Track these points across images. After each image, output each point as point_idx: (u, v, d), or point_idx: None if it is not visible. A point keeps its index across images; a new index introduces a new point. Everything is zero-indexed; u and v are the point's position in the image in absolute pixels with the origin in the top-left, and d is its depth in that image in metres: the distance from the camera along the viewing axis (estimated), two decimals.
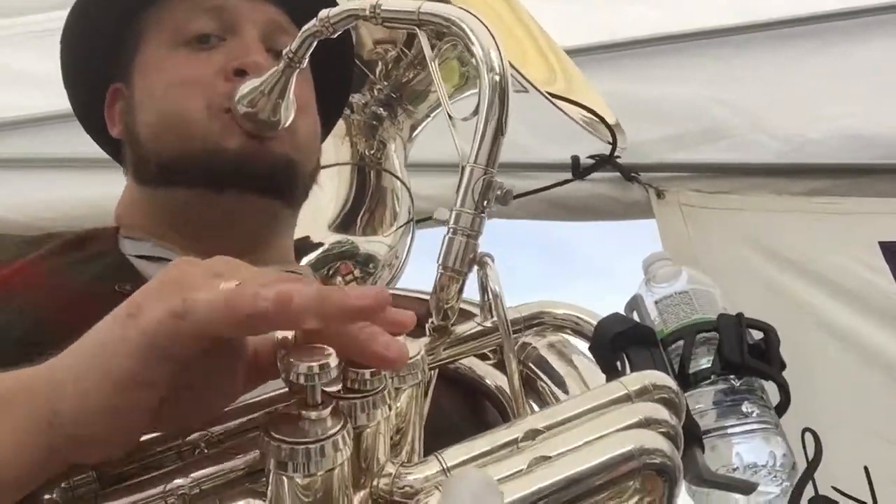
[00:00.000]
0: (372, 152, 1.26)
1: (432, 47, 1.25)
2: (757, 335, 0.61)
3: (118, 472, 0.50)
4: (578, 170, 1.72)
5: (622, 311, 0.72)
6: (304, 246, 1.21)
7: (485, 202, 0.55)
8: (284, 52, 0.69)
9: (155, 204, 0.80)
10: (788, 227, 1.71)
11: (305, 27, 0.67)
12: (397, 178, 1.27)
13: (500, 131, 0.55)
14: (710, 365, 0.58)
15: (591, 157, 1.70)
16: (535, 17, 1.41)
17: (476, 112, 0.56)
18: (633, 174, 1.76)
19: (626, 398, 0.49)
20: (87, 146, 0.93)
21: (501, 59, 0.56)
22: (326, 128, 1.01)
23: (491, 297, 0.55)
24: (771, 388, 0.60)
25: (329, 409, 0.40)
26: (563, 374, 0.70)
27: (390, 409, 0.45)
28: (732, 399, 0.57)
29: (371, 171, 1.25)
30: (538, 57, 1.37)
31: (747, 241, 1.70)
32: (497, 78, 0.55)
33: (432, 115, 1.33)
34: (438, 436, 0.55)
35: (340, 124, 1.21)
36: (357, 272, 1.26)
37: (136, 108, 0.82)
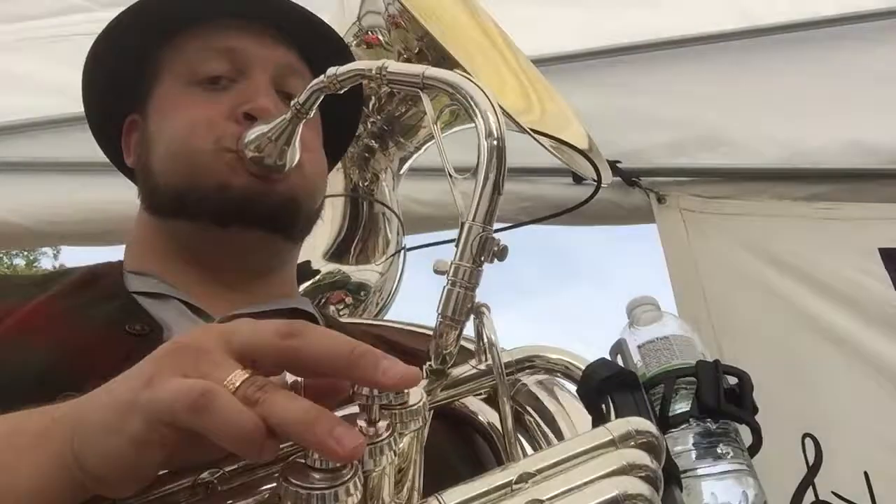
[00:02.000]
0: (365, 184, 1.30)
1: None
2: (732, 380, 0.66)
3: None
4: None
5: (623, 314, 0.76)
6: (303, 272, 1.24)
7: (482, 257, 0.59)
8: (292, 103, 0.73)
9: (163, 235, 0.84)
10: (788, 233, 1.73)
11: (314, 82, 0.70)
12: (389, 208, 1.31)
13: (496, 191, 0.59)
14: (688, 409, 0.62)
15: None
16: (518, 27, 1.43)
17: (475, 172, 0.60)
18: (633, 179, 1.77)
19: (611, 443, 0.53)
20: (90, 150, 0.96)
21: (499, 124, 0.60)
22: (332, 163, 1.05)
23: (487, 345, 0.59)
24: (744, 431, 0.65)
25: None
26: (553, 412, 0.75)
27: (395, 454, 0.49)
28: (709, 441, 0.61)
29: (364, 202, 1.29)
30: (514, 83, 1.41)
31: (747, 245, 1.73)
32: (495, 143, 0.59)
33: (422, 149, 1.37)
34: (431, 471, 0.59)
35: None
36: (349, 300, 1.30)
37: (151, 142, 0.85)
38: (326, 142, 0.93)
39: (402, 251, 1.34)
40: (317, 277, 1.26)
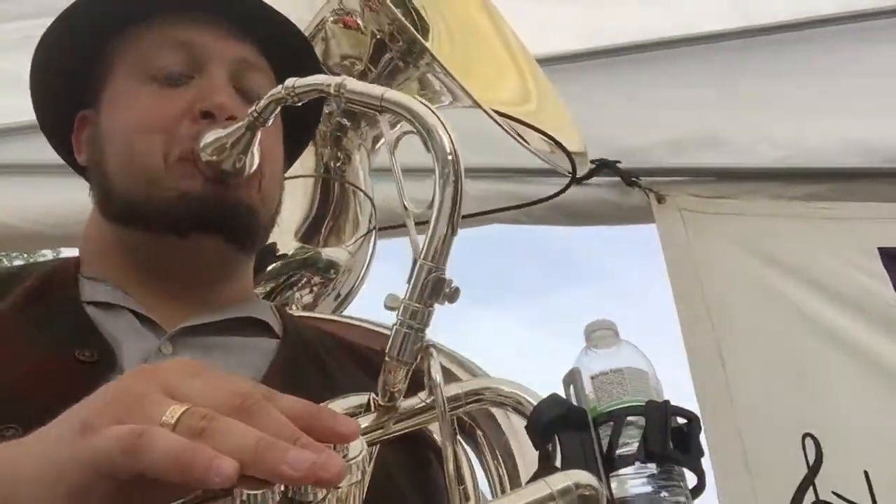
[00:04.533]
0: (337, 164, 1.27)
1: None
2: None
3: None
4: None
5: (620, 317, 0.75)
6: (270, 254, 1.23)
7: (433, 298, 0.57)
8: (250, 111, 0.70)
9: (118, 242, 0.82)
10: (787, 232, 1.73)
11: (272, 92, 0.68)
12: (360, 190, 1.29)
13: (451, 230, 0.58)
14: (635, 451, 0.62)
15: (592, 161, 1.67)
16: (518, 27, 1.41)
17: (431, 206, 0.58)
18: (633, 179, 1.76)
19: (550, 498, 0.53)
20: None
21: (457, 157, 0.58)
22: (298, 151, 1.01)
23: (433, 384, 0.58)
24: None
25: None
26: (507, 432, 0.75)
27: None
28: (652, 486, 0.61)
29: (335, 183, 1.27)
30: (515, 76, 1.39)
31: (746, 245, 1.73)
32: (452, 178, 0.57)
33: (396, 127, 1.34)
34: (383, 495, 0.59)
35: None
36: (317, 279, 1.29)
37: (104, 141, 0.82)
38: (287, 137, 0.90)
39: (373, 232, 1.32)
40: (288, 255, 1.24)
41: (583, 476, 0.55)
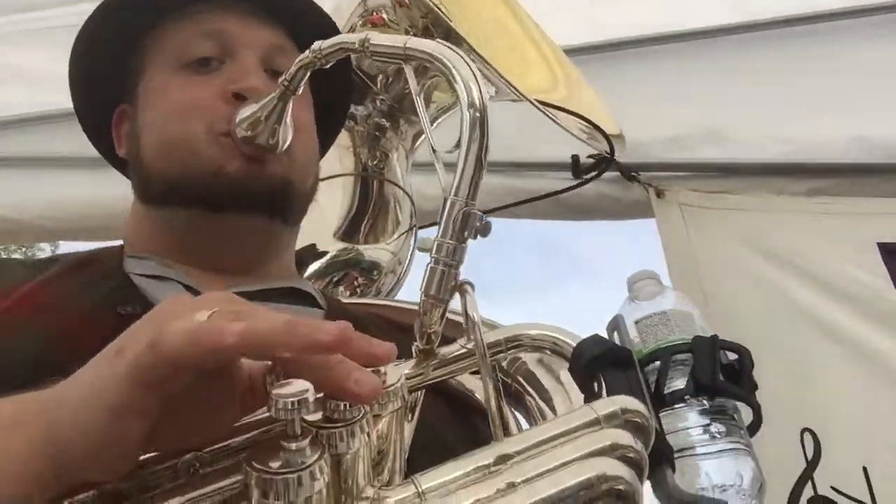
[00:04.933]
0: (375, 162, 1.29)
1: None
2: (733, 356, 0.64)
3: (117, 490, 0.53)
4: (578, 169, 1.73)
5: (616, 313, 0.74)
6: (310, 254, 1.24)
7: (465, 233, 0.57)
8: (280, 80, 0.72)
9: (159, 223, 0.83)
10: (787, 228, 1.72)
11: (300, 58, 0.69)
12: (399, 187, 1.30)
13: (479, 165, 0.57)
14: (684, 386, 0.60)
15: (591, 156, 1.70)
16: (536, 19, 1.43)
17: (458, 145, 0.58)
18: (632, 173, 1.76)
19: (596, 422, 0.52)
20: (90, 145, 0.96)
21: (482, 95, 0.58)
22: (329, 139, 1.04)
23: (470, 323, 0.57)
24: (746, 408, 0.62)
25: (308, 439, 0.43)
26: (550, 390, 0.73)
27: (369, 436, 0.48)
28: (704, 420, 0.59)
29: (374, 181, 1.28)
30: (541, 64, 1.40)
31: (746, 240, 1.72)
32: (477, 114, 0.57)
33: (435, 124, 1.35)
34: (428, 451, 0.58)
35: (344, 135, 1.24)
36: (361, 280, 1.30)
37: (141, 132, 0.85)
38: (319, 125, 0.92)
39: (413, 230, 1.32)
40: (331, 254, 1.25)
41: (629, 401, 0.53)
